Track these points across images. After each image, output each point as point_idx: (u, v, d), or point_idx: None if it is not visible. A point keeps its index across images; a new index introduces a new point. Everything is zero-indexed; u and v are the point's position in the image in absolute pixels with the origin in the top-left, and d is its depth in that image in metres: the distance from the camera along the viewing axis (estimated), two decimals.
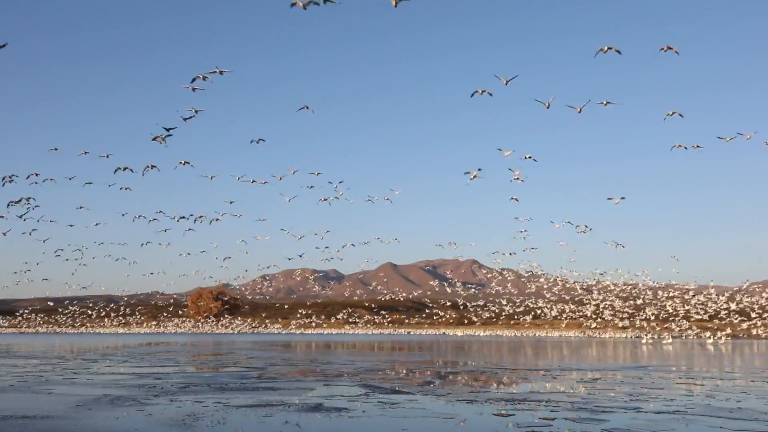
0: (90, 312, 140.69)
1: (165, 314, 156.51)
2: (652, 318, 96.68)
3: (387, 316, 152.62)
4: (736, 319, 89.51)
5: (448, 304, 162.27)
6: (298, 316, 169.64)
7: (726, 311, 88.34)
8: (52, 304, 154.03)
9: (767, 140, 25.25)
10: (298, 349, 45.39)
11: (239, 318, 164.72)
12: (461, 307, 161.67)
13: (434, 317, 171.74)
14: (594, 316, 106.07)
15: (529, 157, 27.82)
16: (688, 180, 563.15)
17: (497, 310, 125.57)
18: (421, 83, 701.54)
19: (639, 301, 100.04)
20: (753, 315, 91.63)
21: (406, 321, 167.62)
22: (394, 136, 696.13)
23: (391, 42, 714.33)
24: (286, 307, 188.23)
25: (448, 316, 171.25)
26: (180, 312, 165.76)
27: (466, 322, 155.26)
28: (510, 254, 59.21)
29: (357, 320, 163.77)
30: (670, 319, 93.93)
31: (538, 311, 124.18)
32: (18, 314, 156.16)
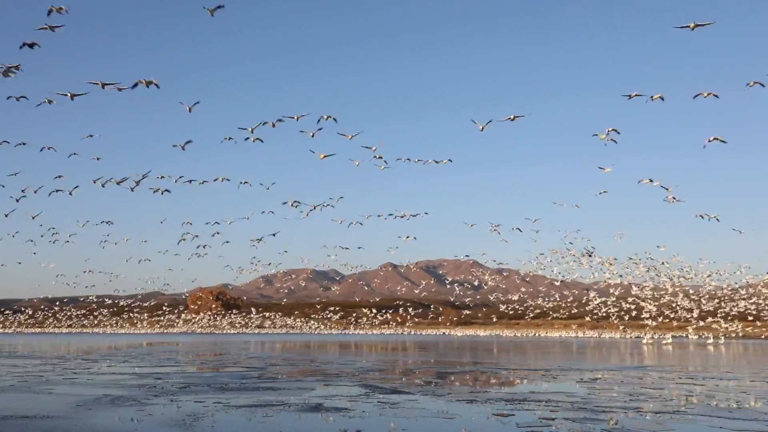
0: (90, 312, 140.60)
1: (165, 314, 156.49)
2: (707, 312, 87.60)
3: (387, 316, 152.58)
4: None
5: (448, 304, 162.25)
6: (298, 315, 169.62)
7: None
8: (52, 303, 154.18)
9: (752, 81, 23.73)
10: (298, 349, 45.39)
11: (239, 318, 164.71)
12: (461, 308, 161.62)
13: (434, 317, 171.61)
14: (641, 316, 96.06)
15: (614, 130, 25.95)
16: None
17: (503, 310, 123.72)
18: (421, 83, 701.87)
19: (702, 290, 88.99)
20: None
21: (406, 321, 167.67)
22: (394, 136, 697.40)
23: (391, 42, 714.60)
24: (285, 306, 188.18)
25: (448, 316, 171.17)
26: (180, 312, 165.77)
27: (466, 321, 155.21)
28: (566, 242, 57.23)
29: (357, 320, 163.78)
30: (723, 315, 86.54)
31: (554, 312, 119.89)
32: (18, 312, 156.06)
